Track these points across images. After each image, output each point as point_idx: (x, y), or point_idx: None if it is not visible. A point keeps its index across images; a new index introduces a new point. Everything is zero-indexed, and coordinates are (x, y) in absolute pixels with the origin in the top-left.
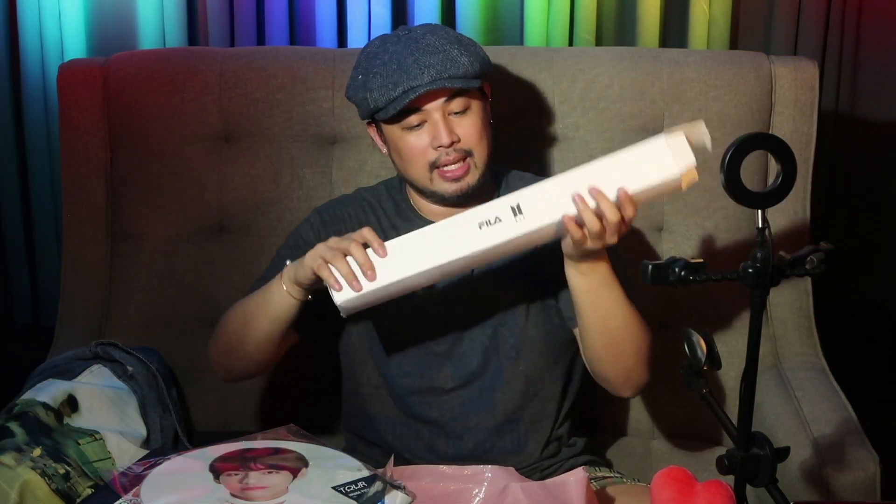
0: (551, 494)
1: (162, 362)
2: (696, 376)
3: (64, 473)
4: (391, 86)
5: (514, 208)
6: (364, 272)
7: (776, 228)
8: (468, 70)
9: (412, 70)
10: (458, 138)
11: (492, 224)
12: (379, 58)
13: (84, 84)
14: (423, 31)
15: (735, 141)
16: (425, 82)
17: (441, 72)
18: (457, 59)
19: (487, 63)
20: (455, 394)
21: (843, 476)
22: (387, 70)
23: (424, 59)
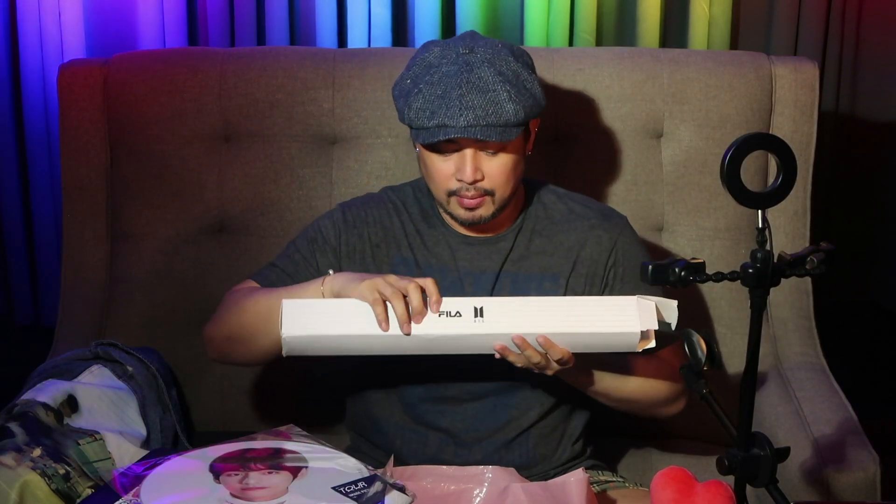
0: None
1: (162, 362)
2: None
3: (64, 474)
4: (428, 114)
5: (476, 309)
6: (414, 316)
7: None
8: (510, 119)
9: (453, 107)
10: (483, 177)
11: (451, 316)
12: (430, 73)
13: (84, 84)
14: (481, 58)
15: (735, 141)
16: (461, 126)
17: (481, 118)
18: (503, 105)
19: (538, 106)
20: (469, 405)
21: (843, 476)
22: (431, 93)
23: (469, 98)
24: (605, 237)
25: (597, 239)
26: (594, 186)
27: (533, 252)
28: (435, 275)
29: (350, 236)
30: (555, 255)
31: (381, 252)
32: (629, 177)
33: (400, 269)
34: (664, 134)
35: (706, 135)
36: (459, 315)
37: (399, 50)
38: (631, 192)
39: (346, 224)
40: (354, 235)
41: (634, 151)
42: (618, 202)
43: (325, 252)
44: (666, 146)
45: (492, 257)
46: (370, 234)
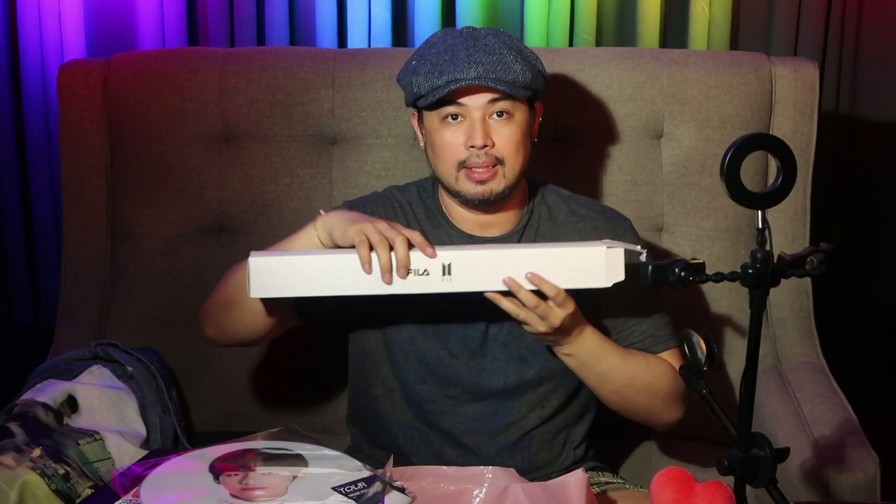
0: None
1: (162, 363)
2: (696, 377)
3: (63, 474)
4: (437, 73)
5: (445, 266)
6: (398, 269)
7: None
8: (518, 78)
9: (462, 63)
10: (493, 143)
11: (419, 274)
12: (435, 47)
13: (84, 84)
14: (486, 32)
15: (735, 141)
16: (470, 76)
17: (489, 71)
18: (510, 64)
19: (543, 79)
20: (471, 407)
21: (842, 477)
22: (439, 59)
23: (477, 56)
24: (607, 238)
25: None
26: (594, 187)
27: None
28: None
29: None
30: None
31: None
32: (629, 177)
33: None
34: (664, 134)
35: (706, 135)
36: (427, 273)
37: (399, 50)
38: (631, 193)
39: None
40: None
41: (634, 152)
42: (618, 203)
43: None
44: (666, 146)
45: None
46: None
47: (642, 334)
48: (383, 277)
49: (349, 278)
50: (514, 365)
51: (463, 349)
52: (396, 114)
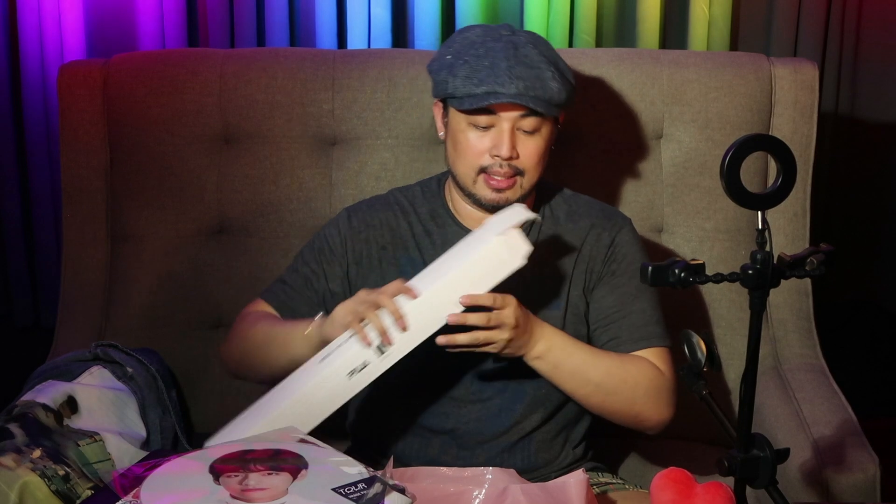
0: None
1: (162, 363)
2: (696, 377)
3: (64, 475)
4: (476, 81)
5: (378, 350)
6: (395, 320)
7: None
8: (554, 97)
9: (502, 76)
10: (517, 155)
11: (360, 370)
12: (475, 48)
13: (84, 85)
14: (525, 39)
15: (735, 142)
16: (511, 93)
17: (529, 88)
18: (548, 82)
19: (572, 94)
20: (473, 407)
21: (842, 477)
22: (478, 64)
23: (518, 69)
24: (605, 235)
25: (596, 237)
26: (594, 187)
27: (538, 252)
28: None
29: (356, 242)
30: (560, 258)
31: (387, 254)
32: (629, 178)
33: (407, 270)
34: (664, 135)
35: (706, 136)
36: (367, 364)
37: (399, 51)
38: (631, 194)
39: (351, 230)
40: (360, 241)
41: (634, 152)
42: (618, 203)
43: (332, 263)
44: (666, 147)
45: None
46: (376, 238)
47: (628, 328)
48: (383, 338)
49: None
50: (517, 366)
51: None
52: (396, 115)
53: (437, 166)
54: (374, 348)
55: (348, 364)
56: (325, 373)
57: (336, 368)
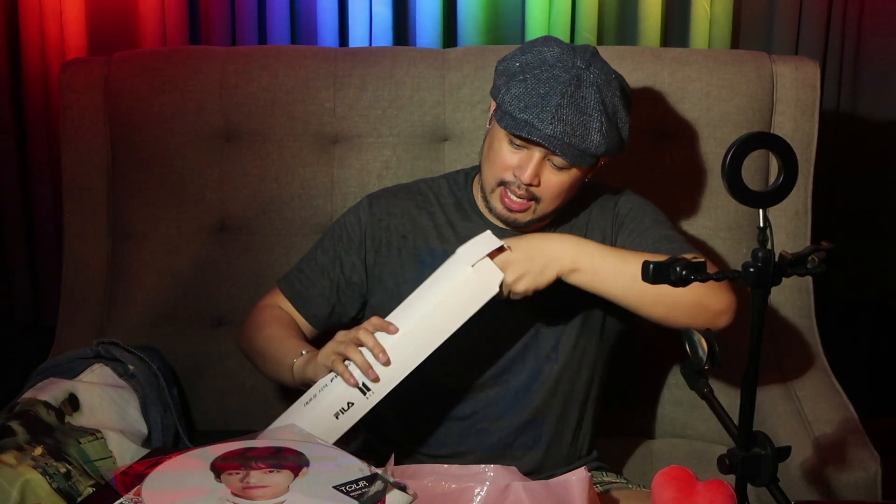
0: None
1: (163, 361)
2: (697, 375)
3: (65, 472)
4: (523, 106)
5: (363, 389)
6: (377, 357)
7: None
8: (590, 148)
9: (548, 111)
10: (538, 183)
11: (347, 410)
12: (541, 69)
13: (85, 83)
14: (594, 79)
15: (736, 140)
16: (546, 134)
17: (567, 134)
18: (591, 133)
19: (620, 148)
20: (490, 391)
21: (844, 475)
22: (535, 90)
23: (565, 111)
24: (607, 205)
25: (599, 211)
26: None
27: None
28: None
29: (376, 230)
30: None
31: (408, 243)
32: (629, 177)
33: (427, 259)
34: (665, 133)
35: (707, 134)
36: (353, 404)
37: (400, 49)
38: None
39: (371, 217)
40: (380, 229)
41: (635, 150)
42: None
43: (350, 251)
44: (667, 145)
45: None
46: (397, 226)
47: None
48: (367, 374)
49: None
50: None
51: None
52: (398, 112)
53: (439, 164)
54: (358, 387)
55: (334, 405)
56: (310, 416)
57: (321, 411)
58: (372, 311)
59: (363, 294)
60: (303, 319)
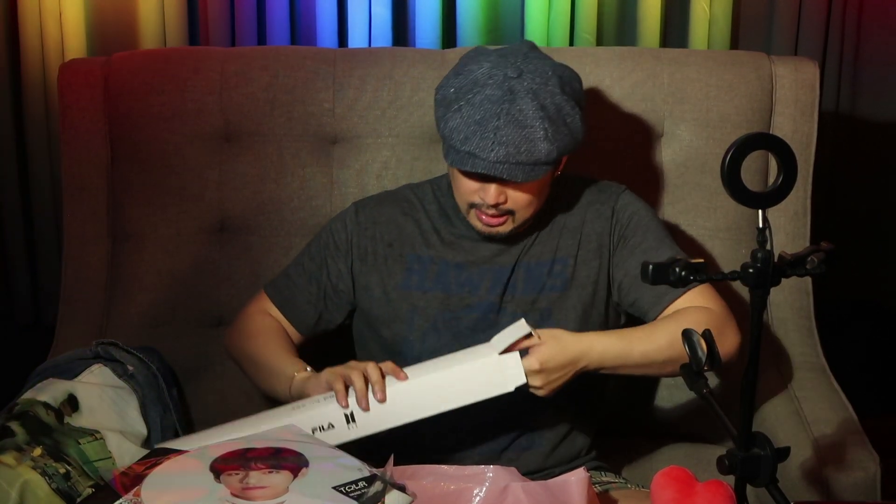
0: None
1: (162, 362)
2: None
3: (64, 473)
4: (462, 138)
5: (347, 416)
6: (374, 391)
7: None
8: (540, 158)
9: (487, 138)
10: (505, 200)
11: (325, 430)
12: (473, 91)
13: (85, 84)
14: (527, 87)
15: (736, 141)
16: (490, 160)
17: (512, 154)
18: (537, 143)
19: (574, 143)
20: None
21: (843, 476)
22: (469, 116)
23: (504, 131)
24: (604, 208)
25: (596, 213)
26: None
27: (542, 239)
28: (451, 270)
29: (362, 238)
30: (560, 237)
31: (394, 251)
32: (629, 177)
33: (414, 266)
34: (664, 134)
35: (706, 134)
36: (333, 427)
37: (400, 50)
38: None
39: (357, 226)
40: (366, 237)
41: (634, 151)
42: None
43: (337, 259)
44: (666, 146)
45: (511, 252)
46: (382, 234)
47: None
48: (359, 402)
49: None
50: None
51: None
52: (398, 113)
53: (439, 165)
54: (344, 414)
55: (315, 420)
56: (289, 420)
57: (302, 419)
58: (360, 319)
59: (350, 301)
60: (291, 326)
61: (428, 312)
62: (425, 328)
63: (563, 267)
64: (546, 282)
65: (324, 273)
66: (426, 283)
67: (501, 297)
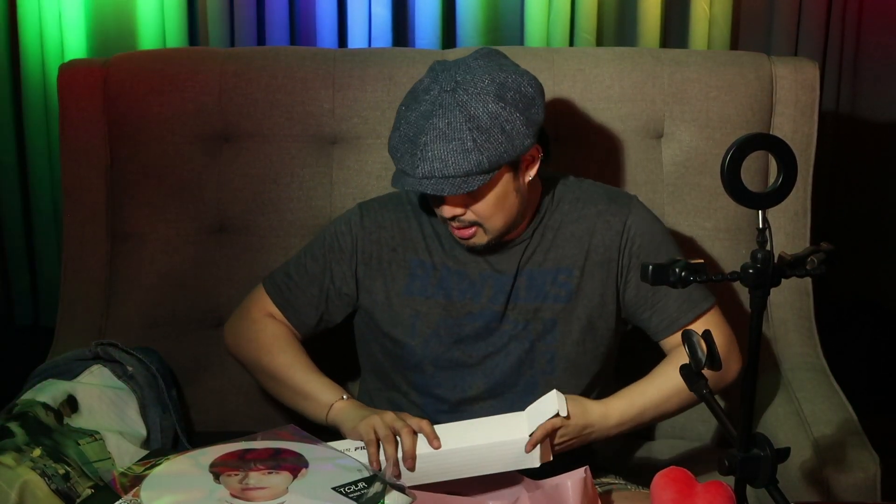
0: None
1: (162, 362)
2: (696, 377)
3: (64, 474)
4: (398, 156)
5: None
6: (405, 460)
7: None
8: (472, 169)
9: (415, 156)
10: (464, 212)
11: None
12: (409, 107)
13: (84, 84)
14: (458, 100)
15: (735, 141)
16: (417, 176)
17: (437, 169)
18: (465, 154)
19: (513, 150)
20: (486, 403)
21: (843, 477)
22: (404, 135)
23: (431, 147)
24: (615, 221)
25: (606, 224)
26: None
27: (546, 247)
28: (453, 277)
29: (366, 243)
30: (566, 247)
31: (398, 255)
32: (629, 177)
33: (417, 271)
34: (664, 134)
35: (706, 135)
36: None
37: (399, 50)
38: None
39: (362, 230)
40: (370, 241)
41: (634, 152)
42: None
43: (341, 262)
44: (666, 146)
45: (511, 259)
46: (387, 238)
47: (676, 301)
48: (390, 469)
49: None
50: (526, 357)
51: (477, 349)
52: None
53: None
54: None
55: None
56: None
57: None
58: (362, 320)
59: (353, 304)
60: (291, 327)
61: (430, 318)
62: (427, 334)
63: (568, 277)
64: (549, 291)
65: (327, 276)
66: (428, 288)
67: (505, 305)
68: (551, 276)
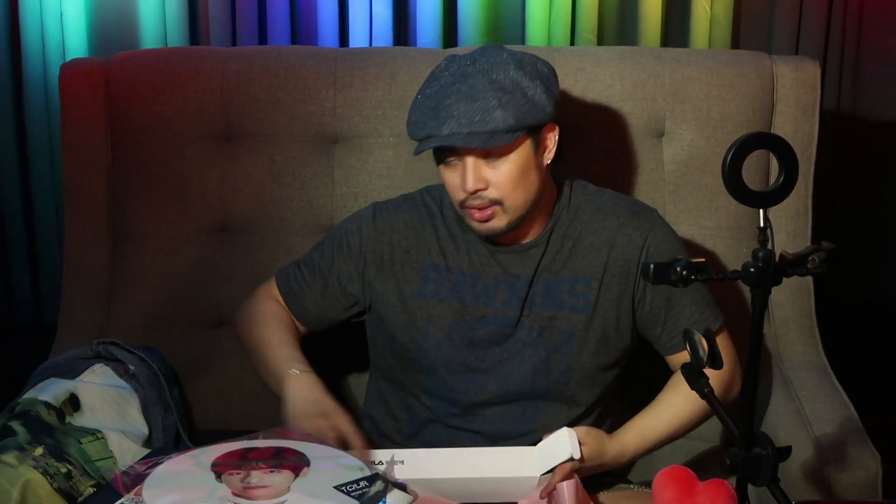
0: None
1: (163, 361)
2: (698, 375)
3: (66, 472)
4: (420, 127)
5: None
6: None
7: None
8: (498, 126)
9: (440, 116)
10: (486, 185)
11: None
12: (429, 85)
13: (86, 84)
14: (478, 69)
15: (736, 140)
16: (444, 134)
17: (464, 125)
18: (490, 112)
19: (538, 112)
20: (497, 408)
21: (844, 475)
22: (424, 106)
23: (456, 107)
24: (636, 234)
25: (626, 238)
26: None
27: (564, 255)
28: (467, 280)
29: (378, 244)
30: (586, 257)
31: (411, 257)
32: (630, 176)
33: (430, 274)
34: (665, 133)
35: (707, 134)
36: None
37: (400, 49)
38: (632, 192)
39: (375, 231)
40: (383, 243)
41: (636, 151)
42: None
43: (349, 261)
44: (667, 145)
45: (525, 263)
46: (399, 240)
47: (690, 318)
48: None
49: None
50: (542, 367)
51: (490, 354)
52: (398, 112)
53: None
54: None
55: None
56: None
57: None
58: (373, 320)
59: (359, 303)
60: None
61: (443, 322)
62: (440, 338)
63: (585, 288)
64: (566, 300)
65: (333, 273)
66: (442, 291)
67: (520, 311)
68: (568, 286)
